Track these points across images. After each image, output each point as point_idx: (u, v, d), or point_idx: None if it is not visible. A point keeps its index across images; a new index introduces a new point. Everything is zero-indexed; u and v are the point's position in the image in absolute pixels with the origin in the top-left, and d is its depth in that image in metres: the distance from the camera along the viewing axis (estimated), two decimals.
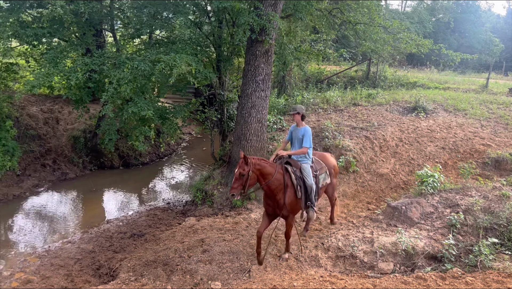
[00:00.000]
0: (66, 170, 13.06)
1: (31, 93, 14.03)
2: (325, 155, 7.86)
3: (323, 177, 7.30)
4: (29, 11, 12.11)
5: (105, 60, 10.22)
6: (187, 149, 17.42)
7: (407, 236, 7.08)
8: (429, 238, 7.06)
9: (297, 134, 7.05)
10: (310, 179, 6.86)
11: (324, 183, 7.34)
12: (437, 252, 6.67)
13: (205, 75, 9.89)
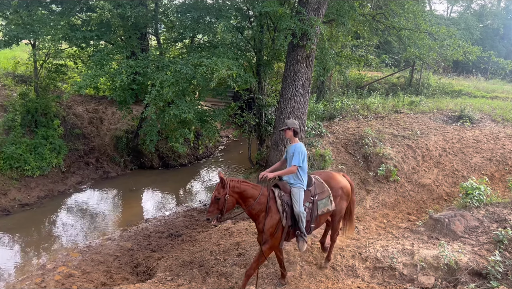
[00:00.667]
0: (108, 168, 13.47)
1: (78, 94, 14.63)
2: (332, 175, 6.75)
3: (323, 203, 6.34)
4: (79, 15, 12.64)
5: (148, 63, 10.49)
6: (224, 152, 17.56)
7: (450, 250, 6.79)
8: (474, 253, 6.74)
9: (289, 152, 6.31)
10: (299, 205, 6.04)
11: (324, 209, 6.34)
12: (482, 268, 6.36)
13: (245, 80, 9.95)
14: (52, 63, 13.11)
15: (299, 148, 6.15)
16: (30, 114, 12.02)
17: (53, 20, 11.19)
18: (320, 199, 6.31)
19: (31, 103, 12.10)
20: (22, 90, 12.77)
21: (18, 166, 11.18)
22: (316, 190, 6.32)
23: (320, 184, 6.43)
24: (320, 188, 6.38)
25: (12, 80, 14.22)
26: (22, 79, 14.37)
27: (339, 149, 10.59)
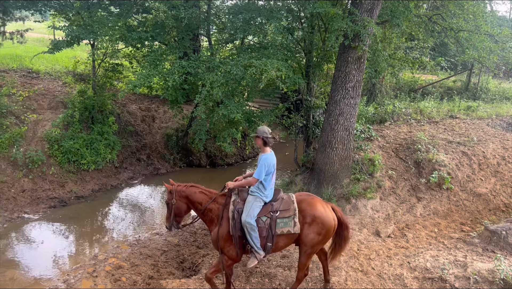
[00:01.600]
0: (158, 165, 13.89)
1: (132, 92, 15.20)
2: (312, 202, 5.82)
3: (284, 222, 5.66)
4: (135, 16, 13.14)
5: (200, 64, 10.71)
6: None
7: (507, 264, 6.40)
8: None
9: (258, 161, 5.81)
10: (247, 214, 5.56)
11: (284, 230, 5.65)
12: None
13: (294, 81, 9.90)
14: (109, 63, 13.71)
15: (264, 159, 5.66)
16: (87, 111, 12.64)
17: (111, 21, 11.71)
18: (281, 217, 5.69)
19: (88, 101, 12.72)
20: (81, 88, 13.47)
21: (75, 160, 11.78)
22: (280, 207, 5.75)
23: (287, 202, 5.80)
24: (285, 206, 5.77)
25: (72, 78, 15.02)
26: (81, 78, 15.15)
27: (389, 153, 10.28)
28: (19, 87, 13.19)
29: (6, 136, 11.18)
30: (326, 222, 5.68)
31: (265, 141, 5.73)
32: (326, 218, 5.69)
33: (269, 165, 5.65)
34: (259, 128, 5.85)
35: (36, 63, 15.56)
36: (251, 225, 5.55)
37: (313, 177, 10.08)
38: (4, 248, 8.74)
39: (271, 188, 5.79)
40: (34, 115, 12.30)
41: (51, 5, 12.74)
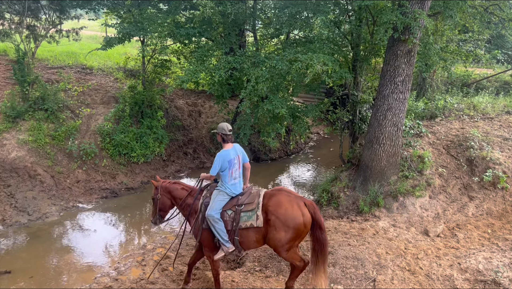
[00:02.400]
0: (204, 159, 14.16)
1: (180, 88, 15.56)
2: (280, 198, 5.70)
3: (247, 216, 5.69)
4: (183, 13, 13.42)
5: (245, 59, 10.78)
6: (315, 148, 17.43)
7: None
8: None
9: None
10: (209, 208, 5.75)
11: (248, 223, 5.67)
12: None
13: (340, 75, 9.74)
14: (158, 59, 14.11)
15: (218, 156, 5.83)
16: (137, 106, 13.08)
17: (160, 18, 12.04)
18: (245, 210, 5.73)
19: (138, 96, 13.17)
20: (131, 83, 13.95)
21: (125, 152, 12.25)
22: (245, 200, 5.82)
23: (253, 196, 5.85)
24: (250, 200, 5.81)
25: (123, 74, 15.59)
26: (131, 73, 15.69)
27: (440, 150, 9.90)
28: (74, 83, 13.87)
29: (62, 130, 11.82)
30: (291, 219, 5.55)
31: (223, 138, 5.95)
32: (291, 214, 5.56)
33: (223, 161, 5.78)
34: (219, 125, 6.03)
35: (90, 59, 16.29)
36: (213, 217, 5.70)
37: (359, 173, 9.90)
38: (60, 235, 9.27)
39: (233, 182, 5.90)
40: (88, 109, 12.90)
41: (103, 4, 13.28)
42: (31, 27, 13.09)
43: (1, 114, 11.69)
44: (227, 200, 5.87)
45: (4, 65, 14.27)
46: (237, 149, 6.05)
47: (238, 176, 5.99)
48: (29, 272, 7.61)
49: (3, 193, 10.02)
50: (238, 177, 6.00)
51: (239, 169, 6.00)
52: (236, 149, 6.03)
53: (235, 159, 5.92)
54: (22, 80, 11.91)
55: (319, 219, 5.68)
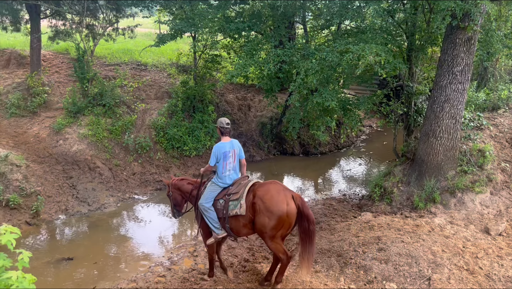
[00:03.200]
0: (254, 152, 14.25)
1: (230, 82, 15.73)
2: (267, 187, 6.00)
3: (233, 204, 6.06)
4: (233, 7, 13.50)
5: (295, 52, 10.67)
6: (367, 142, 16.98)
7: None
8: None
9: None
10: (202, 198, 6.27)
11: (233, 212, 6.03)
12: None
13: (394, 66, 9.37)
14: (208, 54, 14.33)
15: (214, 147, 6.24)
16: (189, 101, 13.38)
17: (211, 13, 12.19)
18: (232, 199, 6.10)
19: (190, 91, 13.46)
20: (183, 78, 14.29)
21: (178, 146, 12.59)
22: (233, 190, 6.18)
23: (240, 186, 6.19)
24: (237, 189, 6.15)
25: (175, 69, 16.00)
26: (183, 69, 16.06)
27: (502, 144, 9.29)
28: (130, 79, 14.43)
29: (119, 124, 12.35)
30: (275, 206, 5.79)
31: (222, 131, 6.35)
32: (275, 202, 5.80)
33: (218, 153, 6.18)
34: (218, 119, 6.45)
35: (144, 56, 16.86)
36: (204, 207, 6.21)
37: (413, 168, 9.53)
38: (118, 224, 9.71)
39: (227, 174, 6.27)
40: (143, 104, 13.38)
41: (157, 1, 13.66)
42: (90, 26, 13.75)
43: (64, 110, 12.42)
44: (219, 191, 6.28)
45: (66, 64, 15.12)
46: (234, 143, 6.41)
47: (232, 169, 6.35)
48: (89, 259, 8.05)
49: (66, 184, 10.65)
50: (232, 170, 6.35)
51: (233, 162, 6.35)
52: (233, 143, 6.39)
53: (230, 152, 6.28)
54: (82, 77, 12.56)
55: (307, 211, 5.90)
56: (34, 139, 11.73)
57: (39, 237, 8.92)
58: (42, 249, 8.49)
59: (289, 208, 5.81)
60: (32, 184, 9.83)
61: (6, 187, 9.36)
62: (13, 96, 12.77)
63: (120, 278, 7.32)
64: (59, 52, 16.35)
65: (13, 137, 11.61)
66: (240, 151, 6.50)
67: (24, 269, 2.95)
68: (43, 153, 11.26)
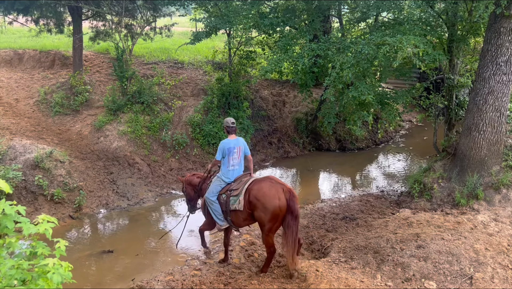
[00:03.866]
0: (288, 148, 14.19)
1: (264, 78, 15.73)
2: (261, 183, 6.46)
3: (233, 200, 6.57)
4: (267, 3, 13.47)
5: (330, 46, 10.52)
6: (406, 137, 16.53)
7: None
8: None
9: None
10: (207, 192, 6.88)
11: (233, 207, 6.56)
12: None
13: (434, 58, 9.06)
14: (243, 50, 14.38)
15: (220, 144, 6.84)
16: (224, 97, 13.50)
17: (245, 10, 12.22)
18: (233, 195, 6.58)
19: (225, 87, 13.57)
20: (218, 75, 14.43)
21: (214, 142, 12.73)
22: (234, 186, 6.67)
23: (241, 183, 6.65)
24: (237, 186, 6.65)
25: (211, 67, 16.18)
26: (219, 66, 16.22)
27: None
28: (167, 77, 14.72)
29: (157, 121, 12.64)
30: (267, 202, 6.26)
31: (228, 130, 6.94)
32: (268, 198, 6.26)
33: (224, 148, 6.72)
34: (224, 119, 7.08)
35: (181, 54, 17.14)
36: (209, 200, 6.82)
37: (455, 163, 9.19)
38: (156, 219, 9.96)
39: (231, 169, 6.81)
40: (179, 102, 13.62)
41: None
42: (128, 26, 14.13)
43: (104, 108, 12.85)
44: (223, 186, 6.81)
45: (107, 63, 15.62)
46: (239, 141, 6.91)
47: (237, 164, 6.87)
48: (129, 252, 8.30)
49: (107, 179, 11.02)
50: (237, 165, 6.87)
51: (238, 158, 6.86)
52: (238, 140, 6.90)
53: (234, 148, 6.79)
54: (121, 76, 12.94)
55: (293, 206, 6.28)
56: (77, 136, 12.20)
57: (82, 230, 9.29)
58: (84, 242, 8.84)
59: (281, 202, 6.27)
60: (75, 179, 10.24)
61: (50, 182, 9.80)
62: (57, 95, 13.34)
63: (157, 271, 7.49)
64: (99, 52, 16.91)
65: (57, 135, 12.13)
66: (245, 148, 6.99)
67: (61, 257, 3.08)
68: (85, 150, 11.71)
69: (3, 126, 11.34)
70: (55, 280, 2.87)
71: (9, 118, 12.12)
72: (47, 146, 10.83)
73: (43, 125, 12.49)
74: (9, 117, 12.19)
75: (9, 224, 3.01)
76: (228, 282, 6.72)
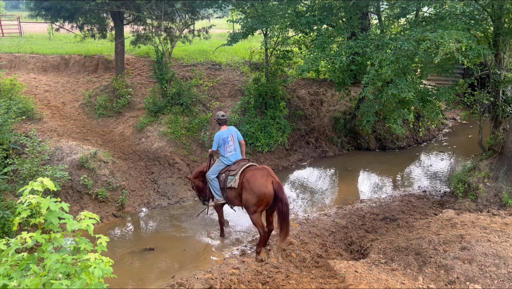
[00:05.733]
0: (326, 148, 14.05)
1: (301, 77, 15.64)
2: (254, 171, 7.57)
3: (230, 179, 7.76)
4: (304, 2, 13.39)
5: (368, 43, 10.32)
6: (449, 135, 15.95)
7: None
8: None
9: None
10: (210, 170, 8.11)
11: (230, 184, 7.75)
12: None
13: (478, 52, 8.69)
14: (280, 50, 14.37)
15: (215, 136, 7.94)
16: (261, 97, 13.54)
17: (282, 9, 12.20)
18: (231, 175, 7.76)
19: (262, 88, 13.61)
20: (255, 76, 14.49)
21: (251, 142, 12.81)
22: (233, 168, 7.83)
23: (239, 165, 7.79)
24: (235, 167, 7.80)
25: (248, 67, 16.28)
26: (255, 67, 16.28)
27: None
28: (205, 78, 14.95)
29: (196, 122, 12.86)
30: (256, 187, 7.35)
31: (219, 122, 8.08)
32: (257, 184, 7.35)
33: (218, 139, 7.87)
34: (216, 113, 8.69)
35: (219, 56, 17.36)
36: (209, 178, 8.09)
37: (502, 162, 8.80)
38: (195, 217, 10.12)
39: (228, 154, 7.95)
40: (217, 102, 13.80)
41: (229, 1, 13.98)
42: (167, 29, 14.47)
43: (145, 110, 13.22)
44: (223, 167, 8.00)
45: (147, 66, 16.07)
46: (231, 130, 8.07)
47: (233, 150, 8.00)
48: (169, 250, 8.50)
49: (148, 179, 11.34)
50: (233, 150, 8.01)
51: (233, 144, 8.00)
52: (230, 130, 8.05)
53: (228, 137, 7.94)
54: (161, 78, 13.27)
55: (281, 195, 7.39)
56: (119, 137, 12.63)
57: (124, 228, 9.60)
58: (127, 239, 9.13)
59: (267, 190, 7.33)
60: (117, 179, 10.60)
61: (95, 182, 10.20)
62: (100, 98, 13.86)
63: (197, 269, 7.63)
64: (140, 56, 17.42)
65: (101, 136, 12.60)
66: (237, 134, 8.12)
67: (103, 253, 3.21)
68: (127, 150, 12.10)
69: (51, 129, 11.90)
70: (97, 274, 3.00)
71: (57, 120, 12.72)
72: (91, 146, 11.28)
73: (87, 127, 13.02)
74: (56, 120, 12.79)
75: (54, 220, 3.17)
76: (266, 281, 6.75)
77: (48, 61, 17.26)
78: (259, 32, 13.94)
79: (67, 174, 9.59)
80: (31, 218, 3.43)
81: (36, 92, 14.56)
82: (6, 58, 16.86)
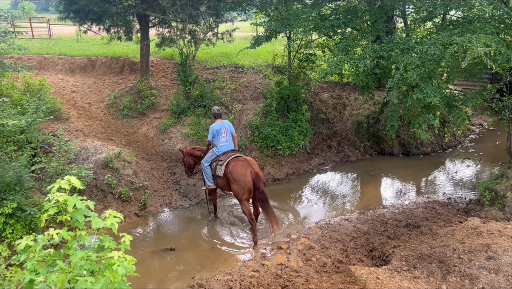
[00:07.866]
0: (349, 152, 13.91)
1: (324, 81, 15.56)
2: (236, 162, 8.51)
3: (218, 167, 8.71)
4: (328, 5, 13.32)
5: (393, 46, 10.19)
6: (476, 141, 15.57)
7: None
8: None
9: None
10: (204, 159, 9.13)
11: (217, 173, 8.74)
12: None
13: (508, 57, 8.46)
14: (303, 53, 14.33)
15: (210, 127, 8.90)
16: (283, 100, 13.52)
17: (306, 12, 12.17)
18: (219, 164, 8.73)
19: (284, 91, 13.59)
20: (278, 79, 14.48)
21: (272, 145, 12.80)
22: (222, 158, 8.80)
23: (227, 156, 8.73)
24: (223, 158, 8.76)
25: (271, 70, 16.30)
26: (278, 70, 16.29)
27: None
28: (228, 81, 15.04)
29: None
30: (239, 177, 8.34)
31: (214, 116, 9.09)
32: (237, 174, 8.35)
33: (213, 130, 8.84)
34: (212, 107, 9.84)
35: (242, 59, 17.44)
36: (203, 165, 9.14)
37: None
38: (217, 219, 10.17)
39: (221, 145, 8.90)
40: (239, 105, 13.86)
41: (253, 4, 14.04)
42: (192, 32, 14.63)
43: (169, 111, 13.39)
44: (214, 156, 8.99)
45: (171, 68, 16.28)
46: (224, 123, 9.02)
47: (225, 141, 8.95)
48: (190, 250, 8.57)
49: (170, 180, 11.47)
50: (225, 142, 8.95)
51: (225, 136, 8.94)
52: (224, 123, 9.00)
53: (221, 129, 8.88)
54: (185, 81, 13.42)
55: (258, 184, 8.35)
56: (143, 138, 12.82)
57: (146, 228, 9.73)
58: (148, 239, 9.25)
59: (247, 179, 8.29)
60: (140, 179, 10.76)
61: (119, 181, 10.37)
62: (125, 99, 14.11)
63: (217, 270, 7.66)
64: (165, 58, 17.67)
65: (125, 137, 12.83)
66: (230, 127, 9.04)
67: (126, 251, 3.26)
68: (150, 151, 12.27)
69: (78, 128, 12.18)
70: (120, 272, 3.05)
71: (83, 120, 13.01)
72: (116, 147, 11.49)
73: (112, 127, 13.26)
74: (82, 120, 13.08)
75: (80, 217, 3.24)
76: (286, 285, 6.72)
77: (75, 63, 17.70)
78: (283, 35, 13.93)
79: (92, 173, 9.79)
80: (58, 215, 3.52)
81: (64, 93, 14.93)
82: (36, 59, 17.36)
